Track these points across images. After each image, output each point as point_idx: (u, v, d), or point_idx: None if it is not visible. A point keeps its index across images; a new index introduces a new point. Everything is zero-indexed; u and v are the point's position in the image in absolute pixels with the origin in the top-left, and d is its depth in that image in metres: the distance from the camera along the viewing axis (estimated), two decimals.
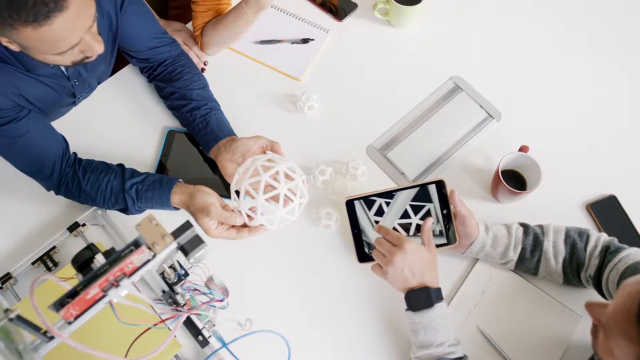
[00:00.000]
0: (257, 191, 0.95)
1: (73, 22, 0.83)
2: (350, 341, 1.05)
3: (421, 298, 0.95)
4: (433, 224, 1.04)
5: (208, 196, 1.00)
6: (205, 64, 1.29)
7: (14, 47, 0.86)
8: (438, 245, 1.03)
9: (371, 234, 1.06)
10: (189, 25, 1.34)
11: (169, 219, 0.85)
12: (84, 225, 1.11)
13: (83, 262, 0.72)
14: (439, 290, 0.96)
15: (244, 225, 1.01)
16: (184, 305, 0.93)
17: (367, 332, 1.06)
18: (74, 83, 1.11)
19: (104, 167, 1.08)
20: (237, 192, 0.97)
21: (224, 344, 1.00)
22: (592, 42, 1.35)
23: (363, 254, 1.06)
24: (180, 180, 1.06)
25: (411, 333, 0.96)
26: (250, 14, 1.19)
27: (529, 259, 1.02)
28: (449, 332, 0.95)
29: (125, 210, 1.08)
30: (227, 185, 1.15)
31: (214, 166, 1.19)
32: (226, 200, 1.03)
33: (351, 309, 1.08)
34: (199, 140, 1.17)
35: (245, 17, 1.20)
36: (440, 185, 1.04)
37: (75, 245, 1.10)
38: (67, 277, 0.83)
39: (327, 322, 1.07)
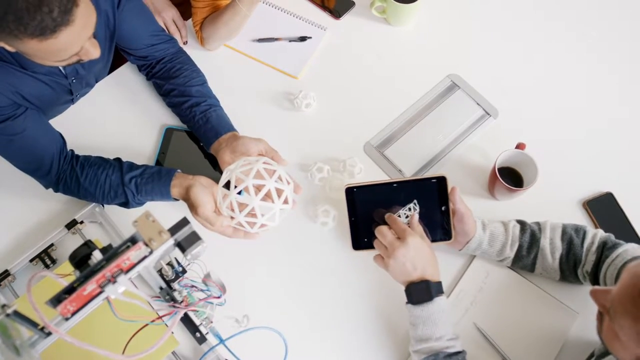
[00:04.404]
0: (246, 191, 0.94)
1: (77, 34, 0.85)
2: (347, 337, 1.06)
3: (421, 292, 0.95)
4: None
5: (202, 194, 0.99)
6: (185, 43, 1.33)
7: (10, 49, 0.86)
8: (434, 241, 1.03)
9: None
10: (189, 22, 1.34)
11: (167, 214, 0.85)
12: (81, 222, 1.11)
13: (80, 258, 0.72)
14: (439, 284, 0.97)
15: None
16: (182, 301, 0.93)
17: (364, 328, 1.06)
18: (72, 81, 1.11)
19: (102, 162, 1.08)
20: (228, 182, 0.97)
21: (222, 341, 1.00)
22: (590, 40, 1.35)
23: (358, 241, 1.06)
24: (179, 170, 1.06)
25: (410, 326, 0.97)
26: (245, 8, 1.20)
27: (525, 256, 1.03)
28: (448, 326, 0.95)
29: (125, 204, 1.08)
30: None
31: (211, 164, 1.19)
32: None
33: (348, 305, 1.08)
34: (200, 136, 1.17)
35: (240, 12, 1.21)
36: (441, 181, 1.04)
37: (73, 243, 1.11)
38: (65, 274, 0.84)
39: (324, 318, 1.07)
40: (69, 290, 0.68)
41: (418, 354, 0.95)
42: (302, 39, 1.33)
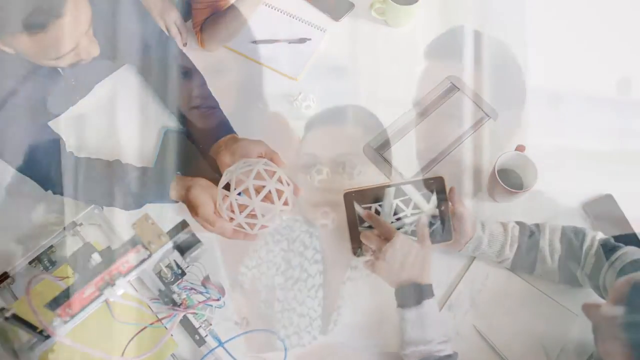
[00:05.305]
0: (246, 192, 0.94)
1: (69, 28, 0.84)
2: (346, 339, 1.05)
3: (409, 294, 0.95)
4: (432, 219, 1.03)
5: (202, 195, 0.98)
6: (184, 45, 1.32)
7: (9, 51, 0.86)
8: (434, 242, 1.03)
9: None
10: (189, 23, 1.34)
11: (167, 217, 0.85)
12: (81, 224, 1.11)
13: (79, 261, 0.72)
14: (428, 286, 0.96)
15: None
16: (181, 304, 0.93)
17: (363, 331, 1.06)
18: (71, 83, 1.11)
19: (101, 164, 1.08)
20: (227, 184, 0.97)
21: (221, 343, 1.00)
22: (589, 41, 1.35)
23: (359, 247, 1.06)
24: (179, 172, 1.05)
25: (400, 330, 0.96)
26: (245, 11, 1.20)
27: (525, 257, 1.03)
28: (438, 330, 0.94)
29: (125, 206, 1.08)
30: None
31: (211, 166, 1.19)
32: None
33: (347, 307, 1.08)
34: (199, 138, 1.17)
35: (241, 15, 1.21)
36: (439, 182, 1.04)
37: (72, 245, 1.10)
38: (64, 276, 0.84)
39: (324, 320, 1.07)
40: (68, 292, 0.68)
41: (408, 358, 0.95)
42: (302, 40, 1.33)
